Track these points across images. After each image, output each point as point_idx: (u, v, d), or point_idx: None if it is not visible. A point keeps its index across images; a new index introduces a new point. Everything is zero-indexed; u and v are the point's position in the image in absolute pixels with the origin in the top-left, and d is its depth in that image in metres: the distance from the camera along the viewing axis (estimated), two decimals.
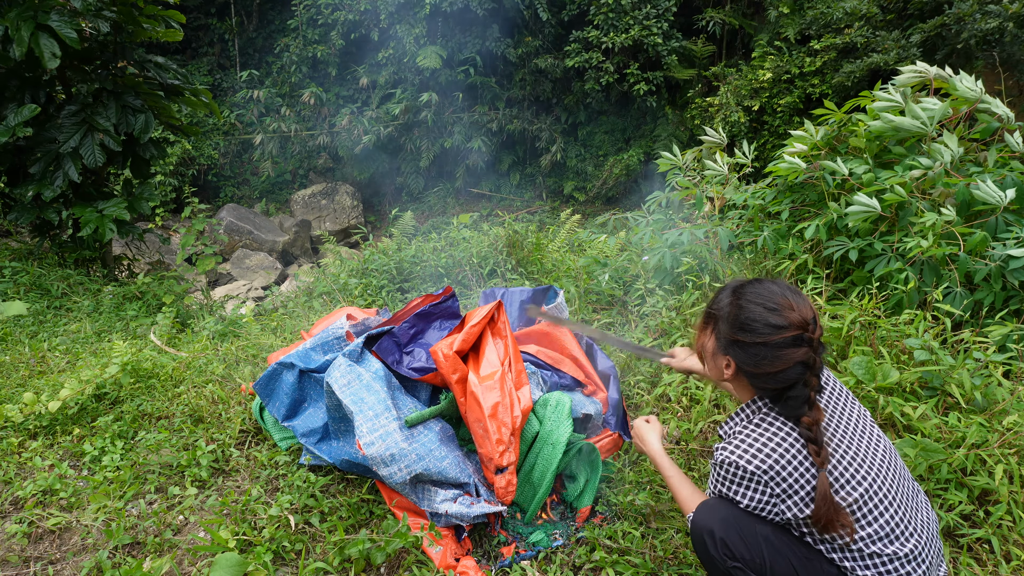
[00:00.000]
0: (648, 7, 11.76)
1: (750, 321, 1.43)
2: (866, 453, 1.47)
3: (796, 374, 1.40)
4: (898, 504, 1.45)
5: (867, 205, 2.88)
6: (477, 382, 2.15)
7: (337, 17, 13.29)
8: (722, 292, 1.56)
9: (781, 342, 1.40)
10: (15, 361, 3.34)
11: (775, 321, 1.41)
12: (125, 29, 5.27)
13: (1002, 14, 8.20)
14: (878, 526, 1.41)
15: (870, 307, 2.63)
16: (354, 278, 4.52)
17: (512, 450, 2.08)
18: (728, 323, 1.48)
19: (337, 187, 14.32)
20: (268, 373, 2.50)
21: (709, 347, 1.57)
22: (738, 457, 1.44)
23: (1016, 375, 2.36)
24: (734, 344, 1.47)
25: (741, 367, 1.48)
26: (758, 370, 1.43)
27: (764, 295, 1.45)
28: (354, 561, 1.89)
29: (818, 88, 10.37)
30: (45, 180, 5.03)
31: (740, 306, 1.47)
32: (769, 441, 1.43)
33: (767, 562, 1.44)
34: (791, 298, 1.43)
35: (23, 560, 1.93)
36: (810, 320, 1.41)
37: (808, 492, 1.40)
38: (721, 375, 1.55)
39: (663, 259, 3.40)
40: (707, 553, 1.50)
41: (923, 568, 1.44)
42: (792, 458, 1.41)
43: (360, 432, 2.06)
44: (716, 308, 1.54)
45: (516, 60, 13.04)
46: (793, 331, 1.40)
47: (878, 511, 1.42)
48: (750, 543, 1.45)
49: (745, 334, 1.44)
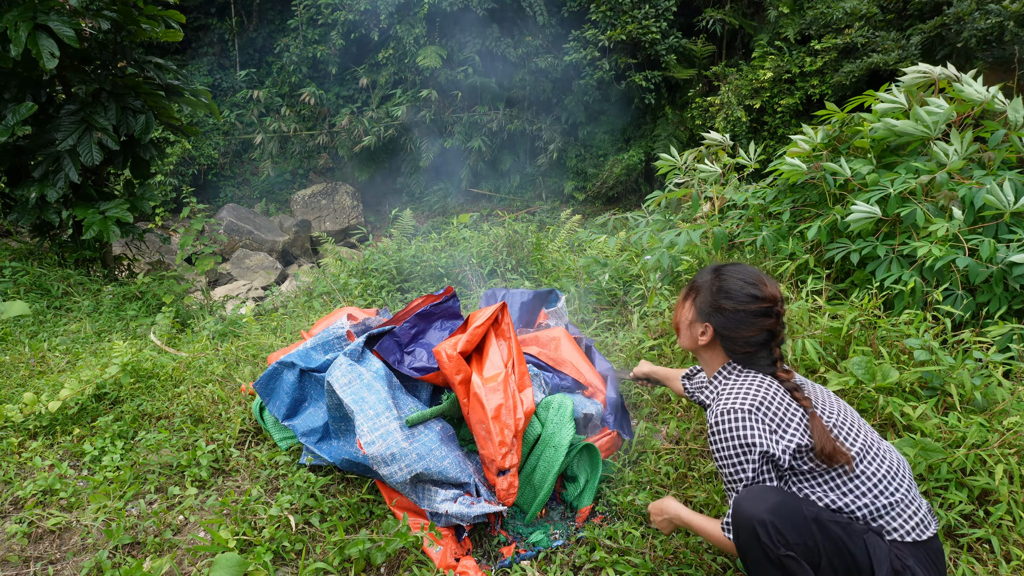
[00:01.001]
0: (647, 7, 11.76)
1: (732, 291, 1.67)
2: (827, 398, 1.72)
3: (763, 339, 1.66)
4: (863, 432, 1.65)
5: (868, 212, 2.88)
6: (481, 384, 2.14)
7: (337, 17, 13.29)
8: (703, 270, 1.79)
9: (757, 310, 1.65)
10: (15, 361, 3.34)
11: (753, 292, 1.65)
12: (125, 29, 5.27)
13: (1002, 13, 8.20)
14: (859, 447, 1.59)
15: (870, 307, 2.63)
16: (354, 278, 4.52)
17: (514, 452, 2.07)
18: (710, 293, 1.71)
19: (337, 187, 14.32)
20: (268, 372, 2.50)
21: (687, 317, 1.78)
22: (731, 404, 1.60)
23: (1016, 375, 2.36)
24: (716, 311, 1.69)
25: (718, 331, 1.70)
26: (734, 334, 1.67)
27: (743, 273, 1.70)
28: (354, 561, 1.89)
29: (818, 89, 10.37)
30: (47, 181, 5.02)
31: (723, 278, 1.70)
32: (751, 385, 1.64)
33: (819, 544, 1.44)
34: (764, 278, 1.69)
35: (23, 560, 1.93)
36: (779, 298, 1.67)
37: (798, 423, 1.59)
38: (695, 343, 1.77)
39: (661, 259, 3.40)
40: (758, 543, 1.45)
41: (907, 483, 1.60)
42: (775, 394, 1.62)
43: (361, 431, 2.06)
44: (699, 282, 1.76)
45: (516, 60, 13.04)
46: (767, 303, 1.65)
47: (853, 433, 1.62)
48: (800, 527, 1.44)
49: (727, 301, 1.67)
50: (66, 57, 4.97)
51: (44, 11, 4.67)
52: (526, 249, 4.47)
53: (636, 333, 3.19)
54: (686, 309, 1.79)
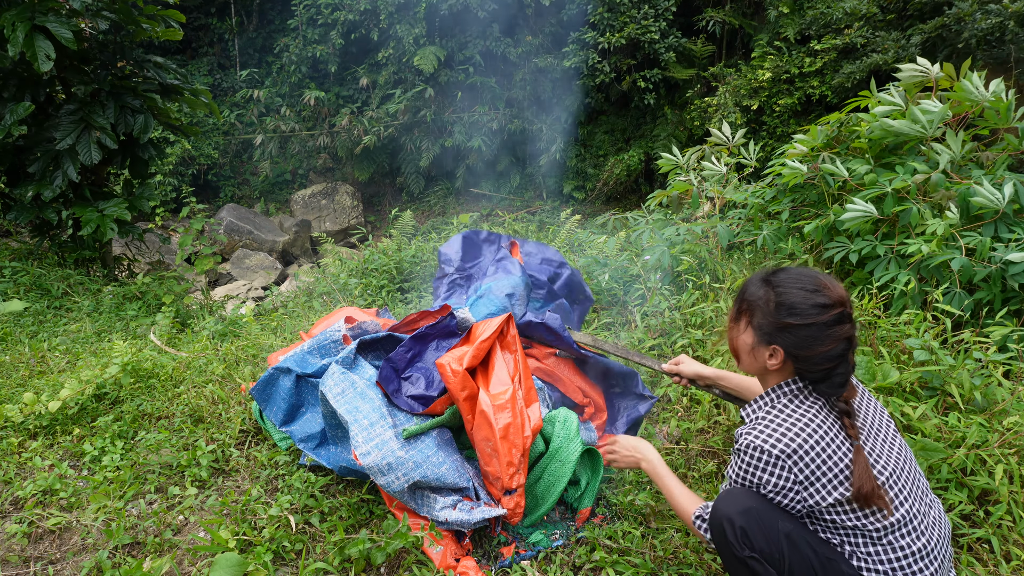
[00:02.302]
0: (646, 7, 11.75)
1: (796, 305, 1.43)
2: (884, 444, 1.48)
3: (842, 350, 1.42)
4: (914, 498, 1.45)
5: (863, 210, 2.88)
6: (489, 402, 2.07)
7: (337, 17, 13.29)
8: (751, 286, 1.54)
9: (830, 320, 1.41)
10: (15, 361, 3.34)
11: (820, 300, 1.42)
12: (124, 29, 5.27)
13: (1002, 13, 8.20)
14: (900, 515, 1.40)
15: (870, 307, 2.63)
16: (354, 278, 4.52)
17: (522, 471, 2.03)
18: (770, 311, 1.47)
19: (337, 187, 14.32)
20: (265, 378, 2.49)
21: (747, 341, 1.54)
22: (763, 441, 1.43)
23: (1016, 375, 2.37)
24: (783, 330, 1.45)
25: (789, 352, 1.46)
26: (810, 352, 1.43)
27: (800, 279, 1.46)
28: (354, 561, 1.89)
29: (818, 89, 10.36)
30: (45, 180, 5.03)
31: (780, 292, 1.46)
32: (797, 423, 1.43)
33: (786, 558, 1.43)
34: (823, 279, 1.45)
35: (23, 560, 1.93)
36: (847, 299, 1.44)
37: (837, 473, 1.40)
38: (763, 367, 1.53)
39: (662, 258, 3.40)
40: (725, 540, 1.48)
41: (935, 566, 1.43)
42: (822, 437, 1.41)
43: (356, 442, 2.03)
44: (751, 300, 1.52)
45: (516, 60, 13.03)
46: (838, 308, 1.42)
47: (899, 500, 1.41)
48: (770, 537, 1.43)
49: (794, 317, 1.43)
50: (65, 57, 4.97)
51: (42, 12, 4.67)
52: None
53: (636, 333, 3.19)
54: (743, 332, 1.55)
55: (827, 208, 3.25)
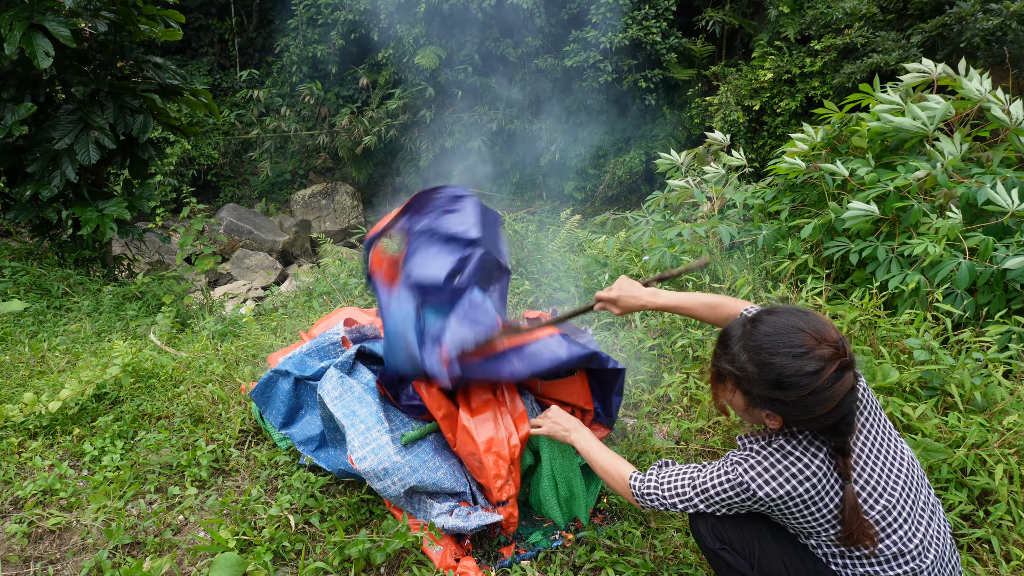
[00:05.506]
0: (647, 7, 11.76)
1: (784, 378, 1.28)
2: (890, 468, 1.41)
3: (848, 404, 1.29)
4: (912, 524, 1.39)
5: (864, 210, 2.88)
6: (469, 417, 2.04)
7: (337, 17, 13.29)
8: (731, 344, 1.38)
9: (826, 383, 1.26)
10: (15, 361, 3.34)
11: (811, 367, 1.26)
12: (124, 29, 5.27)
13: (1004, 12, 8.20)
14: (890, 542, 1.36)
15: (871, 307, 2.63)
16: (354, 278, 4.52)
17: (511, 482, 2.01)
18: (760, 383, 1.32)
19: (337, 187, 14.33)
20: (263, 381, 2.48)
21: (739, 403, 1.41)
22: (751, 479, 1.37)
23: (1016, 375, 2.36)
24: (776, 403, 1.32)
25: (788, 419, 1.35)
26: (810, 416, 1.30)
27: (783, 341, 1.29)
28: (354, 561, 1.89)
29: (819, 90, 10.36)
30: (43, 180, 5.03)
31: (763, 363, 1.30)
32: (791, 466, 1.35)
33: (755, 554, 1.45)
34: (810, 330, 1.29)
35: (23, 560, 1.93)
36: (839, 341, 1.29)
37: (823, 516, 1.35)
38: (762, 423, 1.43)
39: (662, 259, 3.40)
40: (697, 532, 1.53)
41: None
42: (814, 485, 1.34)
43: (352, 447, 2.02)
44: (733, 368, 1.36)
45: (516, 60, 13.04)
46: (833, 364, 1.27)
47: (891, 529, 1.37)
48: (744, 532, 1.46)
49: (785, 392, 1.28)
50: (64, 57, 4.97)
51: (40, 11, 4.67)
52: (526, 249, 4.47)
53: (636, 333, 3.19)
54: (732, 394, 1.41)
55: (827, 208, 3.25)
